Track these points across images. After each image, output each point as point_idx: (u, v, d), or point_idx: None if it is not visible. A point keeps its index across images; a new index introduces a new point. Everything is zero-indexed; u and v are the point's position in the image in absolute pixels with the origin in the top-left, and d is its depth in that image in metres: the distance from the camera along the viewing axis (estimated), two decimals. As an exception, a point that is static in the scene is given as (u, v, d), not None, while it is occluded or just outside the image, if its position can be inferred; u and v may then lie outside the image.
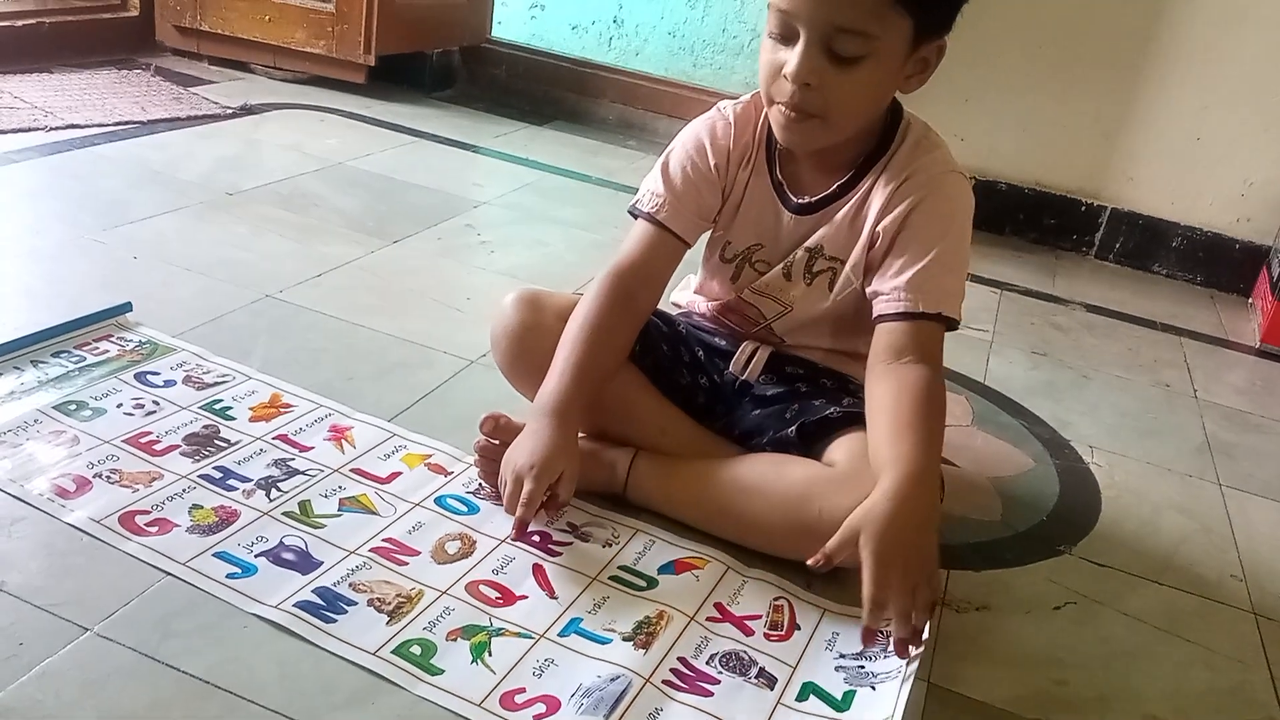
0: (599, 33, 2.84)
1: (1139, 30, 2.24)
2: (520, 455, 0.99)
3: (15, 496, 0.94)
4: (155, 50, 2.56)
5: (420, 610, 0.89)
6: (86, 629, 0.81)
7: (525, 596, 0.93)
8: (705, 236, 1.17)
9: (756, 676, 0.88)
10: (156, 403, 1.12)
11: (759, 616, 0.96)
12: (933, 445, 0.96)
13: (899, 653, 0.87)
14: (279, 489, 1.01)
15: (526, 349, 1.11)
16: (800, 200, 1.10)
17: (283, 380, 1.21)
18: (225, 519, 0.96)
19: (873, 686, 0.88)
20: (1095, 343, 1.87)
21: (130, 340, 1.23)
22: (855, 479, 0.96)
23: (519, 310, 1.12)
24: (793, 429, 1.07)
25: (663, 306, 1.18)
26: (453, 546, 0.98)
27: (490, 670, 0.84)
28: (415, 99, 2.64)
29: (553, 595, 0.94)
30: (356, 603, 0.88)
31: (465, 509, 1.04)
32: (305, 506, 1.00)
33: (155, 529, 0.93)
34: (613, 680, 0.84)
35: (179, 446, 1.05)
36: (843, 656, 0.91)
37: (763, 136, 1.11)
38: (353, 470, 1.07)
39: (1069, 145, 2.36)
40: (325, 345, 1.33)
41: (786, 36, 0.98)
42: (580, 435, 1.06)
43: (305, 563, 0.92)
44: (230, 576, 0.89)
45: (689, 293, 1.25)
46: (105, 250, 1.47)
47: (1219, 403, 1.68)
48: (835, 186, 1.08)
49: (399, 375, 1.28)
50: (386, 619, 0.87)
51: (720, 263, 1.16)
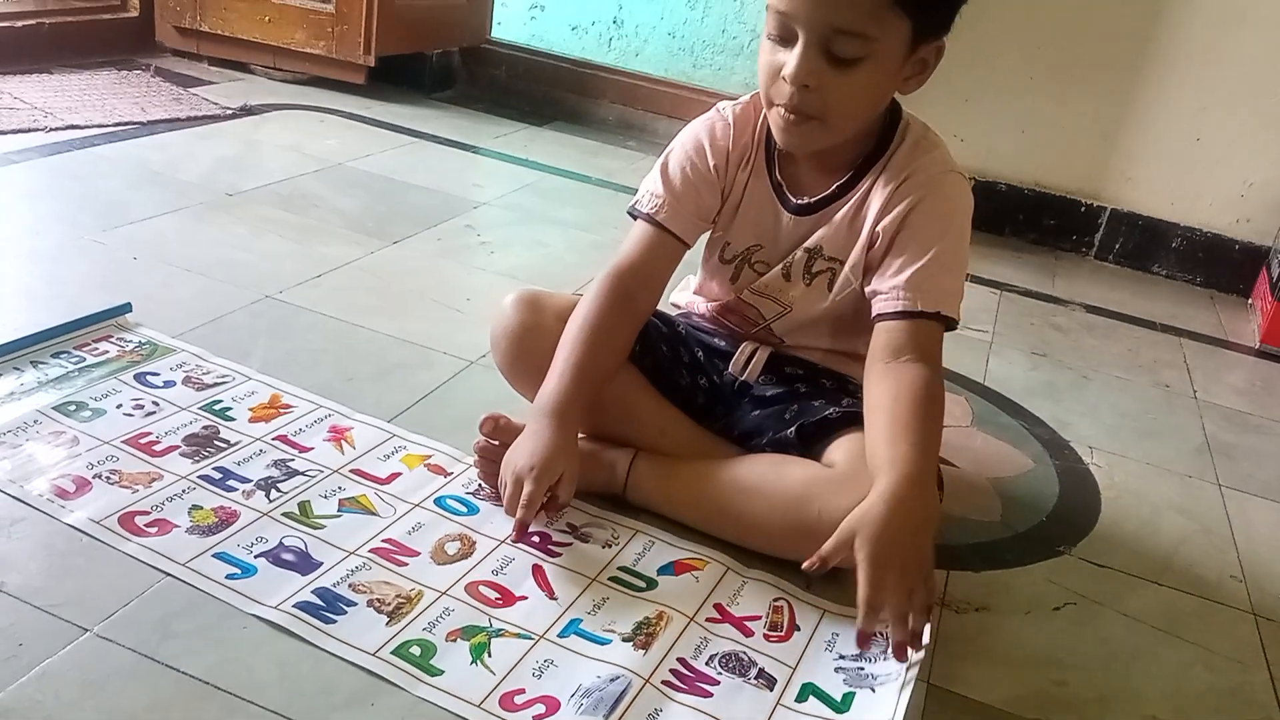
0: (599, 33, 2.84)
1: (1138, 31, 2.24)
2: (520, 457, 0.99)
3: (15, 497, 0.94)
4: (155, 51, 2.56)
5: (420, 611, 0.89)
6: (86, 630, 0.81)
7: (525, 597, 0.93)
8: (704, 237, 1.17)
9: (756, 677, 0.89)
10: (156, 403, 1.12)
11: (758, 617, 0.96)
12: (930, 446, 0.96)
13: (898, 656, 0.87)
14: (279, 490, 1.02)
15: (526, 350, 1.11)
16: (799, 201, 1.10)
17: (282, 381, 1.21)
18: (225, 520, 0.96)
19: (872, 689, 0.88)
20: (1095, 343, 1.87)
21: (130, 341, 1.23)
22: (854, 480, 0.96)
23: (519, 311, 1.12)
24: (792, 430, 1.07)
25: (662, 307, 1.18)
26: (452, 547, 0.98)
27: (490, 671, 0.84)
28: (415, 100, 2.64)
29: (552, 596, 0.94)
30: (356, 603, 0.88)
31: (465, 510, 1.04)
32: (305, 507, 1.00)
33: (155, 530, 0.93)
34: (612, 681, 0.84)
35: (179, 447, 1.05)
36: (842, 658, 0.91)
37: (762, 137, 1.11)
38: (352, 471, 1.07)
39: (1068, 146, 2.36)
40: (325, 346, 1.33)
41: (785, 38, 0.98)
42: (580, 436, 1.06)
43: (305, 563, 0.92)
44: (230, 577, 0.89)
45: (688, 293, 1.25)
46: (105, 251, 1.47)
47: (1219, 403, 1.69)
48: (834, 187, 1.08)
49: (399, 376, 1.29)
50: (386, 620, 0.87)
51: (719, 263, 1.16)
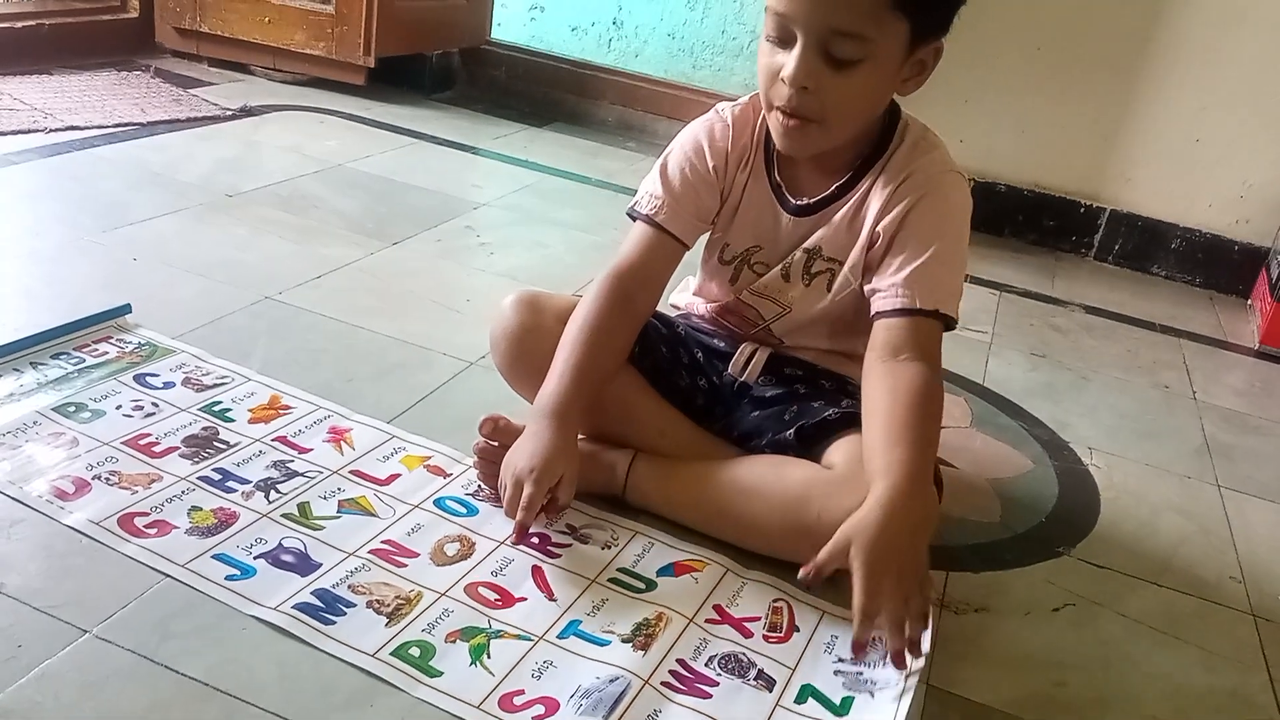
0: (598, 34, 2.84)
1: (1137, 32, 2.24)
2: (520, 458, 0.99)
3: (14, 498, 0.94)
4: (155, 52, 2.56)
5: (419, 612, 0.89)
6: (85, 631, 0.81)
7: (524, 598, 0.93)
8: (704, 239, 1.17)
9: (755, 678, 0.89)
10: (156, 405, 1.12)
11: (758, 618, 0.96)
12: (927, 448, 0.96)
13: (896, 664, 0.87)
14: (278, 491, 1.02)
15: (526, 350, 1.11)
16: (799, 202, 1.10)
17: (282, 382, 1.21)
18: (224, 521, 0.96)
19: (871, 694, 0.88)
20: (1094, 344, 1.87)
21: (129, 342, 1.23)
22: (853, 481, 0.96)
23: (518, 312, 1.12)
24: (791, 431, 1.07)
25: (661, 308, 1.18)
26: (452, 548, 0.98)
27: (489, 672, 0.84)
28: (415, 101, 2.64)
29: (552, 597, 0.94)
30: (355, 604, 0.88)
31: (464, 511, 1.04)
32: (304, 508, 1.00)
33: (154, 531, 0.93)
34: (612, 682, 0.84)
35: (178, 448, 1.05)
36: (841, 661, 0.91)
37: (761, 138, 1.11)
38: (352, 472, 1.07)
39: (1068, 147, 2.36)
40: (324, 347, 1.33)
41: (784, 40, 0.98)
42: (579, 437, 1.06)
43: (304, 564, 0.92)
44: (229, 578, 0.89)
45: (688, 294, 1.25)
46: (105, 252, 1.47)
47: (1218, 404, 1.69)
48: (834, 188, 1.08)
49: (398, 377, 1.29)
50: (385, 621, 0.87)
51: (719, 265, 1.16)
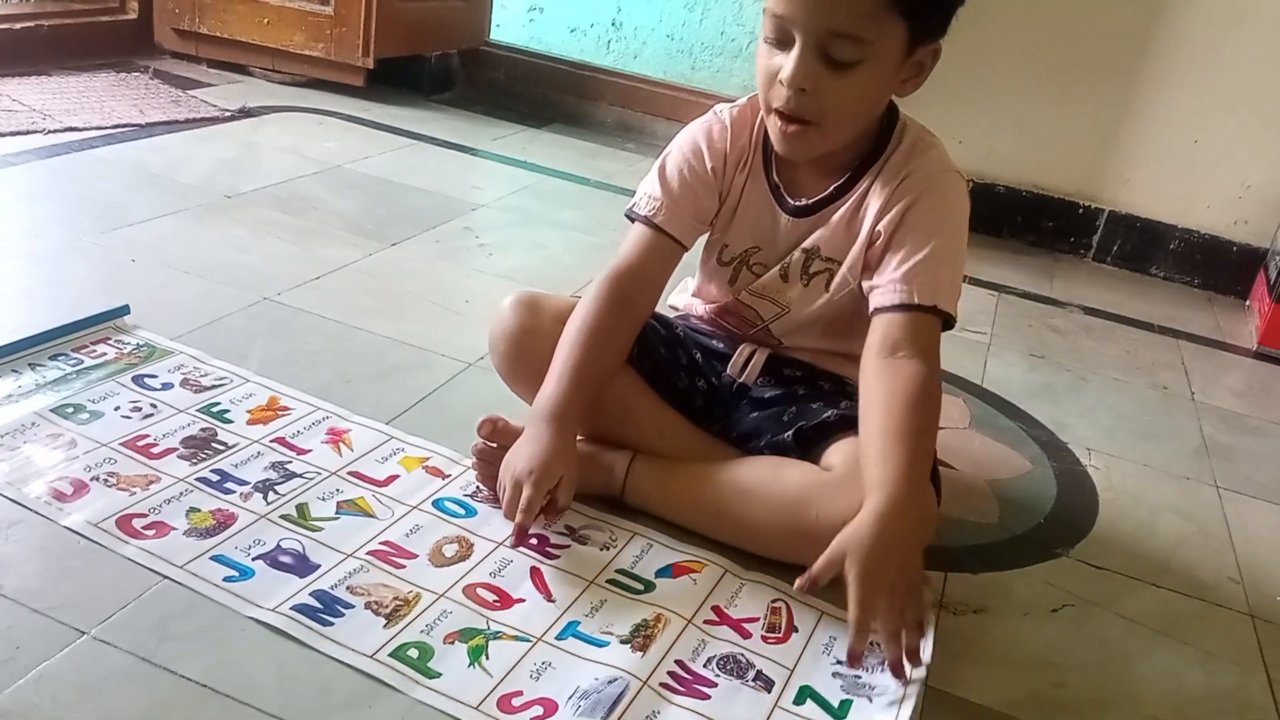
0: (597, 35, 2.84)
1: (1136, 32, 2.25)
2: (519, 461, 0.99)
3: (12, 500, 0.94)
4: (153, 53, 2.56)
5: (418, 613, 0.89)
6: (84, 632, 0.81)
7: (523, 599, 0.93)
8: (702, 240, 1.17)
9: (754, 679, 0.88)
10: (154, 406, 1.12)
11: (756, 619, 0.96)
12: (923, 454, 0.96)
13: (895, 673, 0.88)
14: (276, 492, 1.02)
15: (524, 351, 1.11)
16: (797, 203, 1.10)
17: (280, 383, 1.21)
18: (223, 522, 0.96)
19: (869, 699, 0.88)
20: (1093, 345, 1.87)
21: (128, 343, 1.23)
22: (851, 482, 0.96)
23: (517, 313, 1.12)
24: (790, 434, 1.07)
25: (660, 310, 1.18)
26: (450, 549, 0.98)
27: (487, 673, 0.84)
28: (414, 102, 2.64)
29: (550, 598, 0.94)
30: (354, 606, 0.88)
31: (463, 512, 1.04)
32: (303, 509, 1.00)
33: (152, 532, 0.93)
34: (610, 683, 0.84)
35: (176, 449, 1.05)
36: (840, 663, 0.91)
37: (759, 140, 1.11)
38: (350, 473, 1.07)
39: (1067, 148, 2.36)
40: (323, 348, 1.33)
41: (782, 41, 0.98)
42: (578, 438, 1.06)
43: (303, 566, 0.92)
44: (227, 579, 0.89)
45: (687, 295, 1.25)
46: (103, 253, 1.47)
47: (1216, 405, 1.69)
48: (832, 188, 1.08)
49: (397, 378, 1.29)
50: (384, 622, 0.87)
51: (718, 266, 1.16)
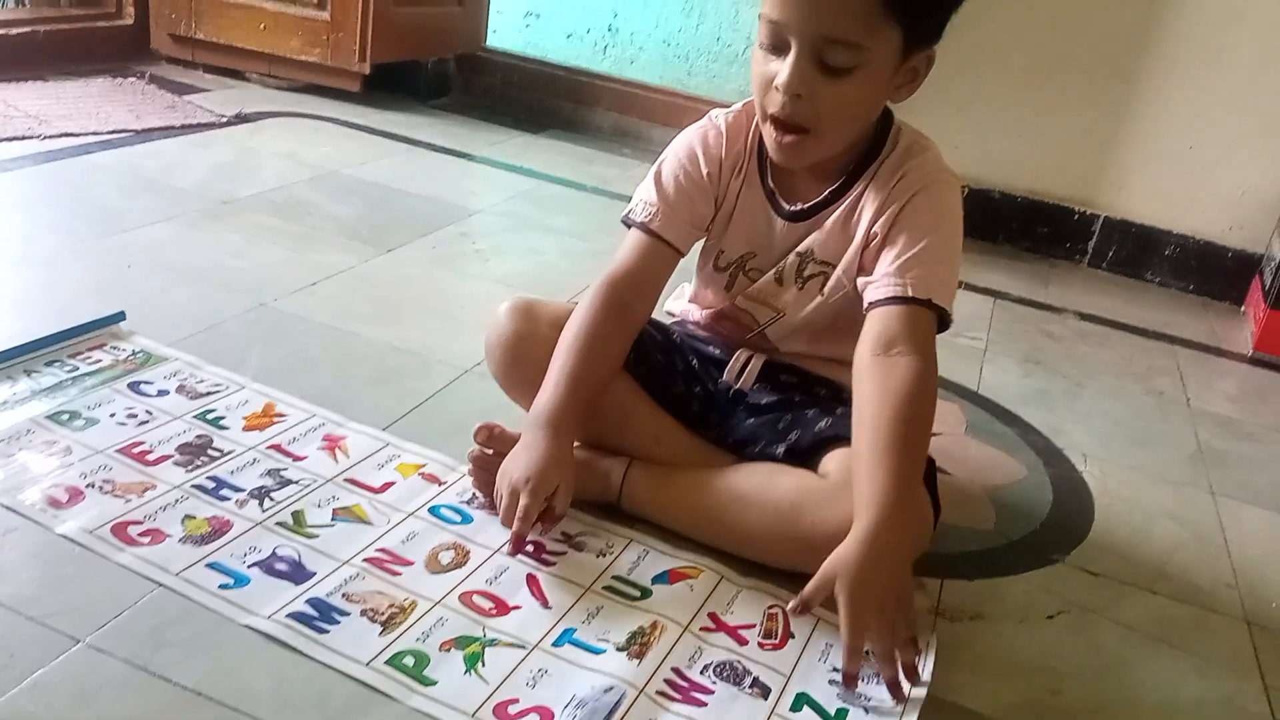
0: (594, 41, 2.84)
1: (1132, 38, 2.25)
2: (516, 468, 0.99)
3: (7, 507, 0.93)
4: (150, 58, 2.57)
5: (413, 621, 0.89)
6: (78, 640, 0.81)
7: (519, 607, 0.93)
8: (698, 246, 1.17)
9: (750, 686, 0.88)
10: (150, 412, 1.12)
11: (753, 626, 0.96)
12: (914, 464, 0.95)
13: (893, 695, 0.88)
14: (272, 499, 1.01)
15: (521, 358, 1.11)
16: (793, 208, 1.10)
17: (276, 389, 1.20)
18: (218, 529, 0.95)
19: (865, 709, 0.88)
20: (1088, 351, 1.87)
21: (124, 349, 1.23)
22: (846, 490, 0.96)
23: (513, 319, 1.12)
24: (782, 448, 1.07)
25: (656, 316, 1.18)
26: (446, 556, 0.98)
27: (483, 681, 0.83)
28: (410, 107, 2.64)
29: (546, 605, 0.94)
30: (349, 613, 0.88)
31: (459, 519, 1.04)
32: (298, 516, 0.99)
33: (148, 539, 0.92)
34: (606, 691, 0.84)
35: (172, 456, 1.05)
36: (836, 671, 0.91)
37: (754, 145, 1.11)
38: (346, 480, 1.07)
39: (1062, 153, 2.36)
40: (319, 354, 1.32)
41: (777, 47, 0.98)
42: (575, 444, 1.06)
43: (298, 573, 0.92)
44: (223, 587, 0.88)
45: (683, 301, 1.25)
46: (99, 259, 1.47)
47: (1212, 411, 1.69)
48: (827, 193, 1.08)
49: (393, 384, 1.28)
50: (380, 629, 0.87)
51: (714, 271, 1.16)
